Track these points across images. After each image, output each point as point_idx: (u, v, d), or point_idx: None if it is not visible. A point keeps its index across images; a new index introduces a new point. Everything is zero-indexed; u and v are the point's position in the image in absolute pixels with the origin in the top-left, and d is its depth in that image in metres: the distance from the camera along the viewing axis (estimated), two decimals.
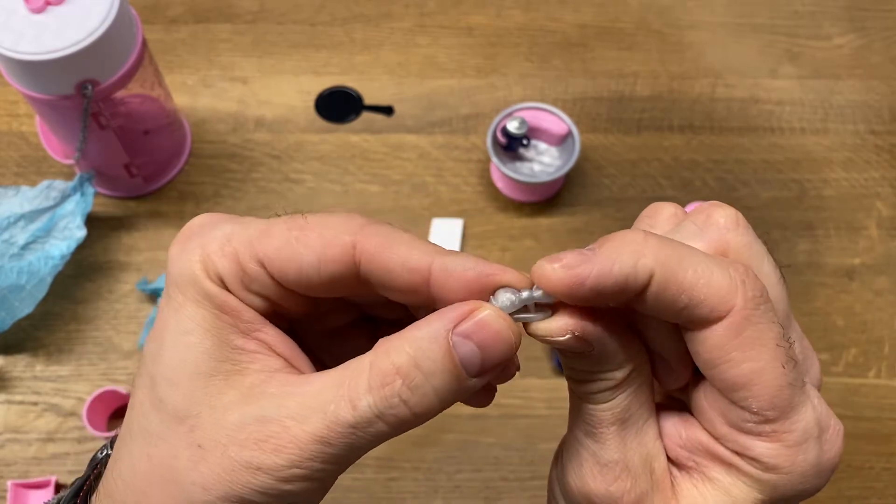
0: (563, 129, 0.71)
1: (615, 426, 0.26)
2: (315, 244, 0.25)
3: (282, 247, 0.26)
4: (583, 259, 0.24)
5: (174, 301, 0.26)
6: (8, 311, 0.64)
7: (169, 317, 0.26)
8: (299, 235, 0.26)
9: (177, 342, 0.26)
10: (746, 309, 0.24)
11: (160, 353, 0.26)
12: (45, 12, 0.58)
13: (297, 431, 0.24)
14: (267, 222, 0.27)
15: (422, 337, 0.24)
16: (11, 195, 0.69)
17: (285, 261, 0.25)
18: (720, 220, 0.27)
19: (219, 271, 0.26)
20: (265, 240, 0.26)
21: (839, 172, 0.76)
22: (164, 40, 0.81)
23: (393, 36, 0.83)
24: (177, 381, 0.25)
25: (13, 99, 0.77)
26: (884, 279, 0.71)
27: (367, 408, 0.23)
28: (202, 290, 0.26)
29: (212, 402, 0.25)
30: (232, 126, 0.77)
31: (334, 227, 0.26)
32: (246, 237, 0.26)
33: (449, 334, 0.24)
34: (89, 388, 0.65)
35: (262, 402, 0.25)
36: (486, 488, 0.63)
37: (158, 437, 0.25)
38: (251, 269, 0.26)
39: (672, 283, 0.24)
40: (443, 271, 0.25)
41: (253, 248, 0.26)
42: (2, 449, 0.63)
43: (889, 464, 0.65)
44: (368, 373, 0.24)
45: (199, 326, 0.26)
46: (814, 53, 0.83)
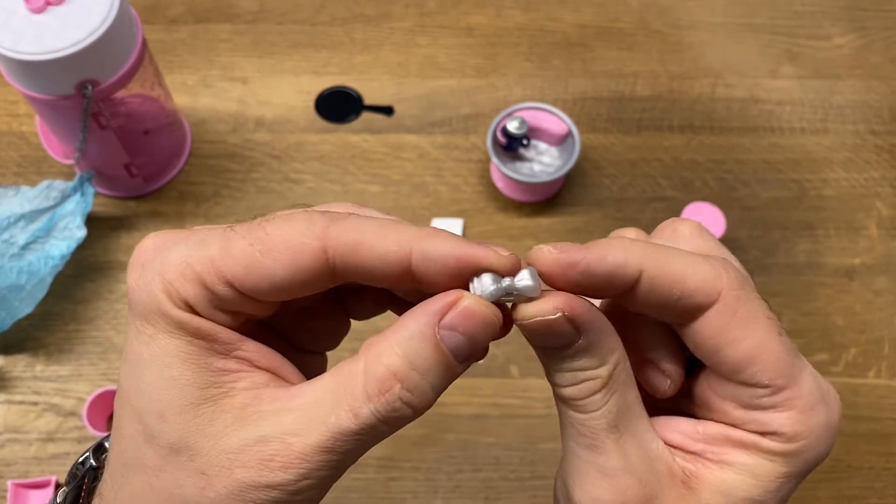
0: (563, 129, 0.71)
1: (612, 433, 0.26)
2: (283, 257, 0.24)
3: (249, 265, 0.24)
4: (578, 247, 0.25)
5: (143, 334, 0.25)
6: (8, 311, 0.64)
7: (141, 350, 0.25)
8: (263, 250, 0.24)
9: (157, 377, 0.25)
10: (734, 289, 0.25)
11: (141, 389, 0.25)
12: (46, 12, 0.58)
13: (302, 446, 0.24)
14: (223, 237, 0.25)
15: (411, 336, 0.24)
16: (11, 195, 0.69)
17: (256, 279, 0.25)
18: (685, 231, 0.29)
19: (184, 297, 0.25)
20: (228, 260, 0.25)
21: (839, 172, 0.76)
22: (164, 40, 0.81)
23: (393, 36, 0.83)
24: (165, 415, 0.25)
25: (13, 99, 0.77)
26: (884, 279, 0.71)
27: (369, 415, 0.24)
28: (171, 319, 0.25)
29: (206, 430, 0.24)
30: (232, 126, 0.77)
31: (298, 233, 0.24)
32: (206, 259, 0.25)
33: (435, 329, 0.24)
34: (89, 387, 0.65)
35: (258, 422, 0.24)
36: (486, 488, 0.63)
37: (157, 469, 0.25)
38: (220, 290, 0.25)
39: (663, 277, 0.25)
40: (423, 259, 0.24)
41: (217, 269, 0.25)
42: (2, 449, 0.63)
43: (889, 464, 0.65)
44: (364, 380, 0.24)
45: (176, 358, 0.25)
46: (814, 53, 0.83)
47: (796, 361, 0.26)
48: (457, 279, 0.24)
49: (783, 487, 0.27)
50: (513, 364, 0.67)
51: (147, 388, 0.25)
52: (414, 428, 0.64)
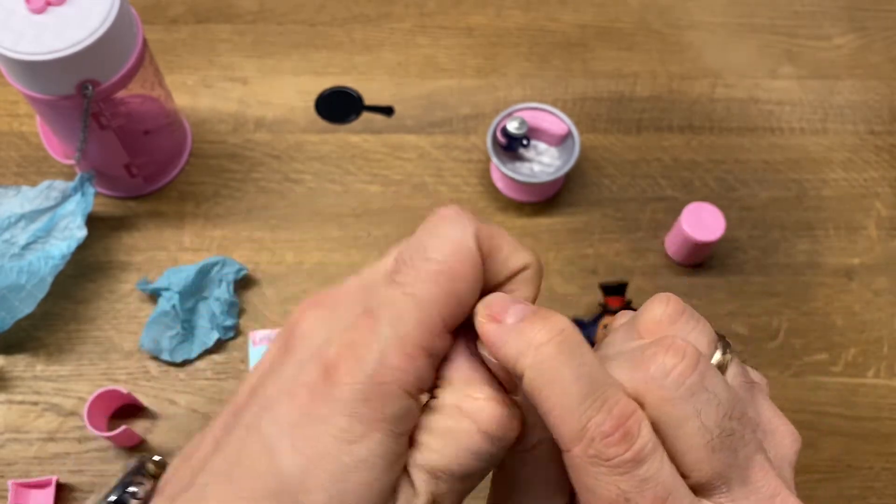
0: (562, 130, 0.71)
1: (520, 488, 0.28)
2: (463, 271, 0.25)
3: (447, 297, 0.24)
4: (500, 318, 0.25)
5: (351, 433, 0.23)
6: (8, 311, 0.64)
7: (339, 450, 0.23)
8: (453, 276, 0.25)
9: (349, 481, 0.23)
10: (583, 457, 0.24)
11: (325, 486, 0.23)
12: (46, 12, 0.58)
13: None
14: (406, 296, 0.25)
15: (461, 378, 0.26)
16: (12, 195, 0.69)
17: (458, 309, 0.25)
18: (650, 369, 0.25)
19: (419, 377, 0.24)
20: (434, 309, 0.24)
21: (839, 172, 0.76)
22: (164, 40, 0.81)
23: (393, 36, 0.83)
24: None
25: (13, 99, 0.77)
26: (883, 279, 0.72)
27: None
28: (400, 413, 0.24)
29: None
30: (232, 126, 0.77)
31: (459, 239, 0.25)
32: (414, 324, 0.24)
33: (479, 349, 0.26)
34: (90, 387, 0.65)
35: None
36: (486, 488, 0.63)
37: None
38: (441, 345, 0.25)
39: (534, 397, 0.24)
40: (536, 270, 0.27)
41: (432, 325, 0.24)
42: (2, 448, 0.63)
43: (888, 463, 0.65)
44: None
45: (380, 462, 0.24)
46: (813, 53, 0.83)
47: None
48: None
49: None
50: None
51: (335, 486, 0.23)
52: None
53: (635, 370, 0.25)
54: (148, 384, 0.66)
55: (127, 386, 0.65)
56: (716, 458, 0.25)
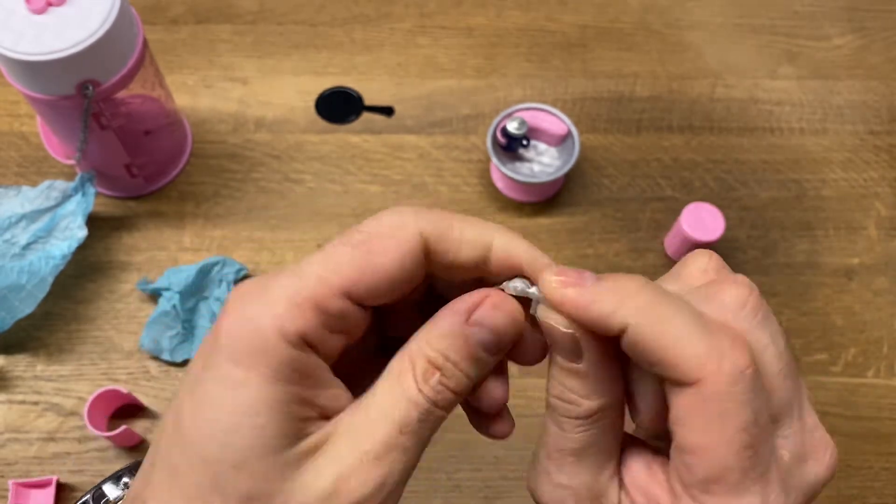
0: (562, 130, 0.72)
1: (573, 456, 0.27)
2: (390, 248, 0.26)
3: (362, 266, 0.25)
4: (578, 282, 0.26)
5: (232, 378, 0.24)
6: (9, 311, 0.64)
7: (224, 395, 0.24)
8: (370, 248, 0.25)
9: (242, 425, 0.24)
10: (718, 384, 0.24)
11: (216, 437, 0.24)
12: (46, 13, 0.58)
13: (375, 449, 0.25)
14: (323, 255, 0.26)
15: (443, 334, 0.26)
16: (12, 195, 0.69)
17: (370, 277, 0.25)
18: (725, 299, 0.27)
19: (301, 329, 0.25)
20: (337, 269, 0.25)
21: (838, 173, 0.77)
22: (164, 41, 0.81)
23: (393, 36, 0.83)
24: (244, 465, 0.24)
25: (14, 99, 0.77)
26: (883, 279, 0.72)
27: (424, 401, 0.25)
28: (280, 358, 0.24)
29: (283, 474, 0.24)
30: (232, 126, 0.77)
31: (395, 225, 0.26)
32: (315, 278, 0.25)
33: (464, 326, 0.26)
34: (90, 387, 0.65)
35: (331, 447, 0.25)
36: (486, 487, 0.63)
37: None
38: (337, 305, 0.25)
39: (646, 341, 0.24)
40: (503, 249, 0.27)
41: (329, 284, 0.25)
42: (3, 448, 0.63)
43: (888, 463, 0.65)
44: (413, 374, 0.26)
45: (267, 406, 0.24)
46: (813, 54, 0.83)
47: (747, 481, 0.25)
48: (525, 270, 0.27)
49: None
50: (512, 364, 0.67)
51: (226, 436, 0.24)
52: None
53: (710, 303, 0.26)
54: (148, 384, 0.66)
55: (127, 386, 0.65)
56: (787, 386, 0.26)
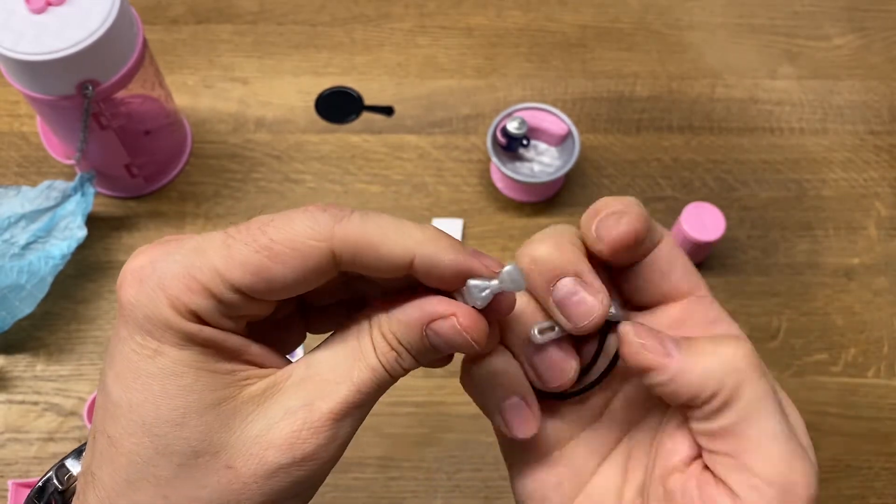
0: (562, 130, 0.72)
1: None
2: (292, 262, 0.25)
3: (257, 271, 0.25)
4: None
5: (144, 348, 0.25)
6: (8, 311, 0.64)
7: (144, 364, 0.25)
8: (271, 255, 0.25)
9: (168, 388, 0.25)
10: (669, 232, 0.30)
11: (149, 401, 0.25)
12: (46, 12, 0.58)
13: (330, 406, 0.26)
14: (224, 245, 0.25)
15: (406, 324, 0.27)
16: (12, 195, 0.69)
17: (266, 283, 0.25)
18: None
19: (192, 309, 0.25)
20: (235, 268, 0.25)
21: (838, 172, 0.77)
22: (164, 41, 0.81)
23: (393, 36, 0.83)
24: (184, 422, 0.25)
25: (14, 99, 0.77)
26: (883, 279, 0.72)
27: (381, 370, 0.27)
28: (180, 331, 0.25)
29: (228, 425, 0.25)
30: (232, 126, 0.77)
31: (305, 236, 0.25)
32: (210, 268, 0.25)
33: (424, 327, 0.27)
34: (90, 387, 0.65)
35: (280, 399, 0.26)
36: (486, 487, 0.63)
37: (172, 478, 0.25)
38: (228, 298, 0.25)
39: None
40: (424, 265, 0.26)
41: (224, 278, 0.25)
42: (3, 448, 0.63)
43: (888, 463, 0.65)
44: (374, 348, 0.27)
45: (188, 367, 0.25)
46: (813, 54, 0.83)
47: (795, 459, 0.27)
48: (445, 283, 0.27)
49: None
50: None
51: (158, 399, 0.25)
52: (414, 427, 0.64)
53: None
54: None
55: None
56: None
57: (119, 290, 0.26)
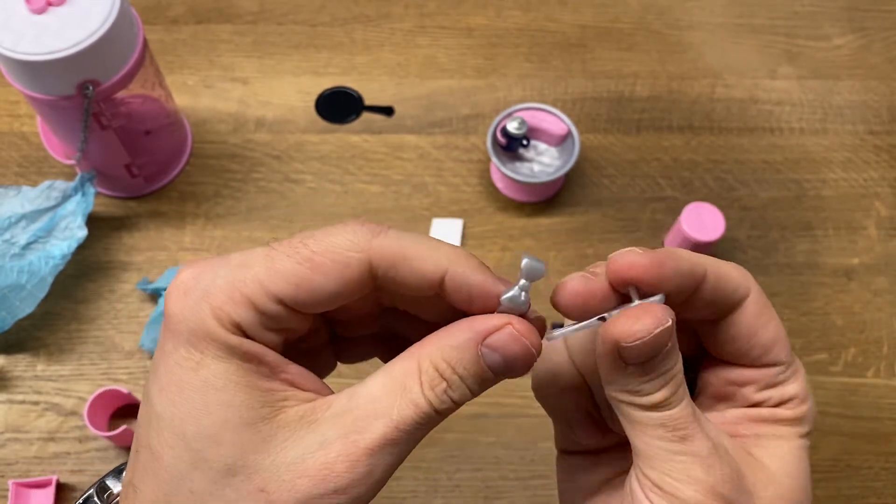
0: (562, 130, 0.72)
1: (696, 420, 0.27)
2: (332, 272, 0.26)
3: (299, 283, 0.26)
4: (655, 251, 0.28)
5: (189, 360, 0.26)
6: (9, 311, 0.64)
7: (188, 378, 0.26)
8: (313, 266, 0.26)
9: (208, 402, 0.25)
10: (756, 285, 0.30)
11: (190, 415, 0.25)
12: (46, 13, 0.58)
13: (367, 441, 0.25)
14: (267, 258, 0.26)
15: (457, 346, 0.26)
16: (13, 195, 0.69)
17: (307, 294, 0.26)
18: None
19: (235, 320, 0.26)
20: (278, 279, 0.26)
21: (838, 172, 0.77)
22: (164, 41, 0.81)
23: (393, 37, 0.83)
24: (220, 437, 0.25)
25: (14, 99, 0.77)
26: (882, 279, 0.72)
27: (427, 405, 0.26)
28: (222, 343, 0.25)
29: (263, 447, 0.25)
30: (232, 126, 0.77)
31: (344, 248, 0.26)
32: (253, 280, 0.26)
33: (479, 346, 0.26)
34: (90, 387, 0.65)
35: (317, 429, 0.26)
36: (486, 487, 0.63)
37: (208, 494, 0.25)
38: (271, 308, 0.26)
39: (721, 276, 0.29)
40: (454, 282, 0.26)
41: (267, 289, 0.26)
42: (3, 448, 0.63)
43: (888, 463, 0.65)
44: (419, 377, 0.26)
45: (229, 381, 0.25)
46: (813, 54, 0.83)
47: None
48: (477, 306, 0.27)
49: (806, 447, 0.30)
50: None
51: (198, 413, 0.25)
52: None
53: None
54: None
55: (127, 386, 0.65)
56: None
57: (166, 304, 0.26)
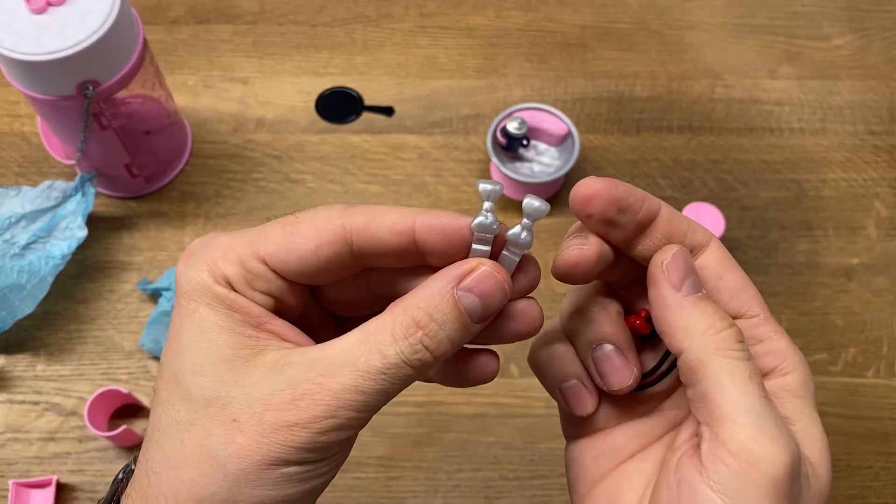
0: (562, 130, 0.72)
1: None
2: (309, 233, 0.29)
3: (280, 242, 0.29)
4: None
5: (186, 309, 0.29)
6: (9, 311, 0.64)
7: (183, 323, 0.29)
8: (293, 230, 0.29)
9: (195, 340, 0.28)
10: (718, 240, 0.32)
11: (181, 353, 0.28)
12: (47, 13, 0.58)
13: (332, 384, 0.27)
14: (260, 227, 0.30)
15: (432, 295, 0.28)
16: (13, 195, 0.69)
17: (285, 253, 0.29)
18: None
19: (225, 275, 0.29)
20: (264, 239, 0.29)
21: (838, 173, 0.77)
22: (164, 41, 0.81)
23: (393, 37, 0.83)
24: (201, 371, 0.28)
25: (14, 99, 0.78)
26: (882, 279, 0.72)
27: (395, 355, 0.27)
28: (213, 294, 0.29)
29: (239, 381, 0.27)
30: (233, 126, 0.77)
31: (323, 215, 0.29)
32: (245, 241, 0.29)
33: (454, 290, 0.28)
34: (90, 387, 0.65)
35: (288, 370, 0.27)
36: (486, 487, 0.63)
37: (189, 424, 0.27)
38: (255, 267, 0.29)
39: (675, 214, 0.31)
40: (425, 227, 0.28)
41: (254, 248, 0.29)
42: (3, 448, 0.63)
43: (888, 463, 0.65)
44: (392, 328, 0.27)
45: (215, 324, 0.28)
46: (812, 54, 0.83)
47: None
48: (453, 244, 0.29)
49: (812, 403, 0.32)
50: (512, 363, 0.67)
51: (185, 350, 0.28)
52: (414, 427, 0.64)
53: None
54: (148, 384, 0.66)
55: (127, 386, 0.65)
56: None
57: (178, 268, 0.30)
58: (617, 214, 0.29)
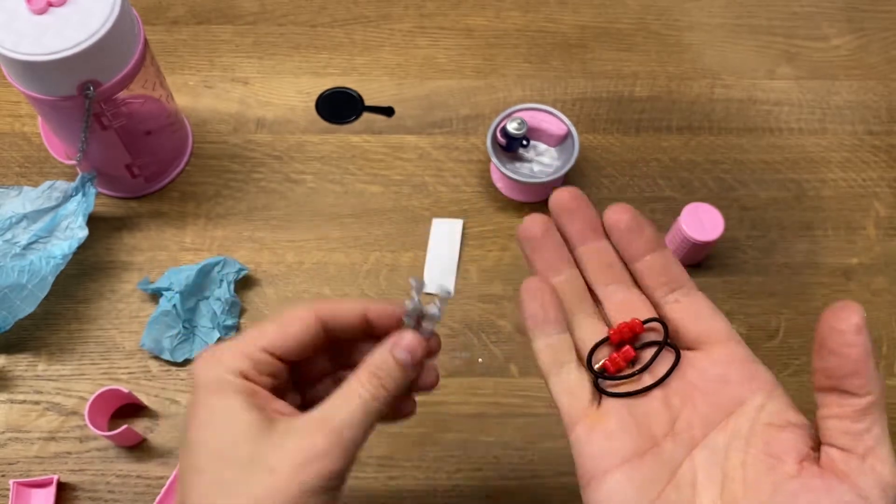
0: (562, 130, 0.72)
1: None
2: (296, 324, 0.40)
3: (276, 331, 0.40)
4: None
5: (210, 400, 0.38)
6: (10, 311, 0.64)
7: (211, 412, 0.38)
8: (283, 321, 0.40)
9: (229, 421, 0.37)
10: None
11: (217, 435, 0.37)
12: (47, 13, 0.58)
13: (335, 421, 0.38)
14: (259, 326, 0.40)
15: (379, 357, 0.40)
16: (14, 195, 0.69)
17: (282, 341, 0.40)
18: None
19: (239, 368, 0.39)
20: (262, 334, 0.40)
21: (837, 173, 0.77)
22: (165, 41, 0.81)
23: (393, 37, 0.83)
24: (239, 444, 0.37)
25: (15, 100, 0.78)
26: (881, 279, 0.72)
27: (366, 392, 0.39)
28: (232, 386, 0.38)
29: (268, 445, 0.37)
30: (233, 126, 0.77)
31: (300, 310, 0.41)
32: (248, 341, 0.40)
33: (391, 351, 0.40)
34: (91, 387, 0.65)
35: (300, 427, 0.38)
36: (486, 487, 0.63)
37: (237, 480, 0.36)
38: (259, 357, 0.39)
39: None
40: (372, 313, 0.41)
41: (256, 342, 0.40)
42: (4, 448, 0.63)
43: None
44: (360, 380, 0.39)
45: (239, 409, 0.38)
46: (811, 54, 0.83)
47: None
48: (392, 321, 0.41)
49: None
50: (512, 363, 0.67)
51: (221, 432, 0.37)
52: (414, 427, 0.64)
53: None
54: (149, 384, 0.66)
55: (128, 385, 0.65)
56: None
57: (193, 369, 0.39)
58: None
